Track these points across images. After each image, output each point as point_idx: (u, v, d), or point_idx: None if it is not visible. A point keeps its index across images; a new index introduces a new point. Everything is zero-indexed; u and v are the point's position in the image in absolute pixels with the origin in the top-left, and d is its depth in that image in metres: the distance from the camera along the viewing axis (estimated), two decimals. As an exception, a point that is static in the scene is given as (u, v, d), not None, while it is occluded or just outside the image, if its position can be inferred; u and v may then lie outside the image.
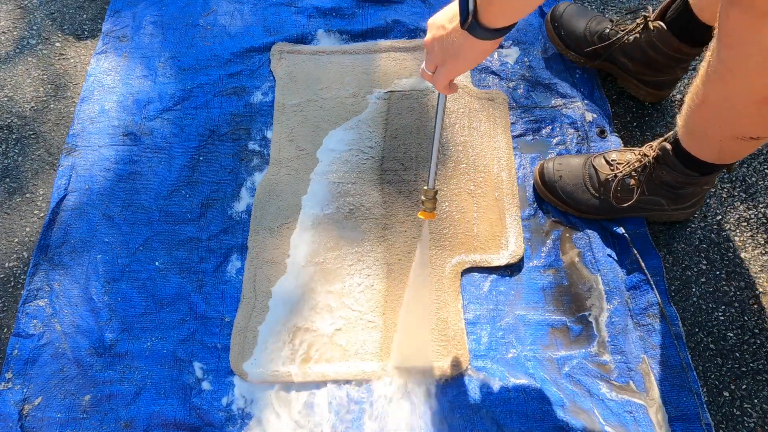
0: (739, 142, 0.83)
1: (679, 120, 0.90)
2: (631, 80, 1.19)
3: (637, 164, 0.99)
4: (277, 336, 0.98)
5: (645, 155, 0.99)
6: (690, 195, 1.00)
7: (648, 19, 1.09)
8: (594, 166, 1.05)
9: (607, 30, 1.15)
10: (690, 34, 1.05)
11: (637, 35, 1.10)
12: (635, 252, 1.02)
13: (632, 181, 1.00)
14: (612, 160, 1.03)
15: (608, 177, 1.02)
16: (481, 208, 1.09)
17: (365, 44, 1.30)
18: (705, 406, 0.91)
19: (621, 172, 1.01)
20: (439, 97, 0.81)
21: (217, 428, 0.91)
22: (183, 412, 0.92)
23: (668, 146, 0.94)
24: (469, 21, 0.66)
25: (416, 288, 0.93)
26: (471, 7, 0.65)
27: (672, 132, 0.94)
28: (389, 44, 1.29)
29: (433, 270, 1.03)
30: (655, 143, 0.98)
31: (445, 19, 0.72)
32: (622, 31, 1.12)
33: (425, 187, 0.85)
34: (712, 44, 0.75)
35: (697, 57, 1.11)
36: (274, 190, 1.11)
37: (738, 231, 1.09)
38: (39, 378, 0.95)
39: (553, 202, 1.08)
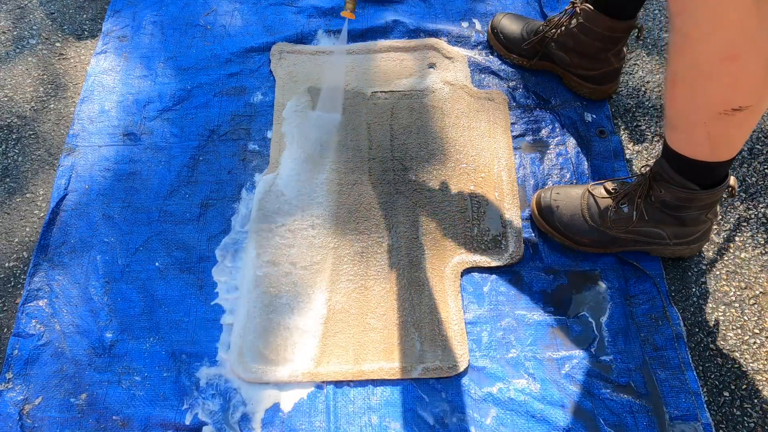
0: (724, 120, 0.79)
1: (664, 121, 0.90)
2: (573, 78, 1.21)
3: (634, 185, 0.97)
4: (276, 337, 0.98)
5: (642, 175, 0.97)
6: (692, 223, 0.97)
7: (576, 4, 1.13)
8: (593, 196, 1.02)
9: (542, 27, 1.20)
10: (616, 9, 1.08)
11: (567, 24, 1.15)
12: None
13: (629, 209, 0.97)
14: (612, 189, 1.00)
15: (608, 206, 0.99)
16: (481, 208, 1.09)
17: (365, 44, 1.30)
18: (705, 406, 0.91)
19: (620, 198, 0.98)
20: None
21: (215, 429, 0.91)
22: (182, 412, 0.92)
23: (662, 159, 0.92)
24: None
25: (332, 68, 1.13)
26: None
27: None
28: (389, 44, 1.29)
29: (433, 270, 1.03)
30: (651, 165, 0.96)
31: None
32: (554, 23, 1.18)
33: None
34: (669, 19, 0.76)
35: (629, 37, 1.14)
36: (273, 190, 1.11)
37: (738, 231, 1.09)
38: (39, 378, 0.95)
39: (550, 233, 1.05)
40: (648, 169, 0.96)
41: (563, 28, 1.16)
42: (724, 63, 0.73)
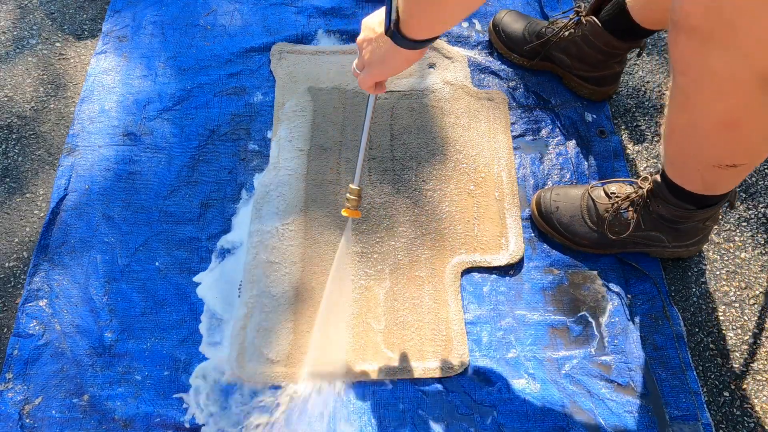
0: (717, 171, 0.80)
1: (661, 150, 0.89)
2: (573, 78, 1.21)
3: (633, 196, 0.97)
4: (276, 337, 0.98)
5: (640, 187, 0.97)
6: (691, 231, 0.96)
7: (580, 14, 1.13)
8: (592, 198, 1.02)
9: (544, 29, 1.20)
10: (621, 30, 1.07)
11: (572, 30, 1.14)
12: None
13: (629, 214, 0.97)
14: (611, 193, 1.00)
15: (607, 209, 0.99)
16: (481, 208, 1.09)
17: (365, 44, 1.29)
18: (705, 406, 0.91)
19: (618, 204, 0.98)
20: (369, 96, 0.82)
21: (215, 429, 0.91)
22: (182, 412, 0.92)
23: (659, 178, 0.92)
24: (391, 30, 0.67)
25: (335, 287, 0.92)
26: (393, 17, 0.66)
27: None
28: (389, 44, 1.29)
29: (433, 270, 1.03)
30: (650, 176, 0.96)
31: (375, 23, 0.73)
32: (558, 28, 1.17)
33: (351, 186, 0.86)
34: (671, 72, 0.75)
35: (631, 51, 1.14)
36: (273, 190, 1.11)
37: (738, 231, 1.09)
38: (39, 378, 0.95)
39: (550, 234, 1.05)
40: (647, 180, 0.96)
41: (567, 33, 1.15)
42: (724, 128, 0.73)
